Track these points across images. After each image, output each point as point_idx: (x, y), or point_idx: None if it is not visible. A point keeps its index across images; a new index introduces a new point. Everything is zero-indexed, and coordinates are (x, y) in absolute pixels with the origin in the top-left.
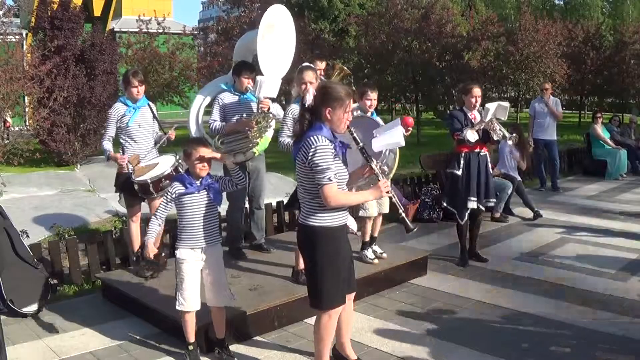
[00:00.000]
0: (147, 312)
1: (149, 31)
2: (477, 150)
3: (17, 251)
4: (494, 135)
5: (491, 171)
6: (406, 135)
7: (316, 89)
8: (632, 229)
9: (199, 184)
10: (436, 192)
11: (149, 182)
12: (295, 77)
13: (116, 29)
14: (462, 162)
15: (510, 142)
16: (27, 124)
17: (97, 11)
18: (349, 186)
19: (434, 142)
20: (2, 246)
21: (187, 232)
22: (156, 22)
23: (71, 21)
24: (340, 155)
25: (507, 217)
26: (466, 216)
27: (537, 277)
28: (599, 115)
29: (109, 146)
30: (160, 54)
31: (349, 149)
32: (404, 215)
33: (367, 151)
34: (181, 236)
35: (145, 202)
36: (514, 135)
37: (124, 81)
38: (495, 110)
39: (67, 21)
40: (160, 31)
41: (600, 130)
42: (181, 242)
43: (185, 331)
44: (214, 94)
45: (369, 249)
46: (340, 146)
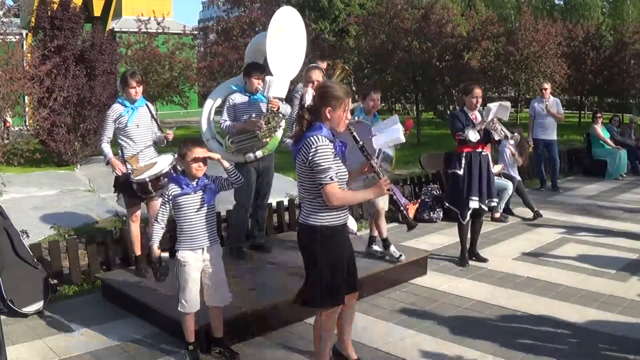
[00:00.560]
0: (147, 312)
1: (149, 31)
2: (479, 150)
3: (17, 251)
4: (495, 135)
5: (493, 170)
6: (407, 133)
7: (315, 89)
8: (632, 229)
9: (195, 184)
10: (436, 192)
11: (147, 180)
12: (303, 76)
13: (116, 29)
14: (463, 161)
15: (512, 141)
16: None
17: (97, 11)
18: (348, 185)
19: (434, 142)
20: (2, 246)
21: (186, 233)
22: (155, 22)
23: (71, 21)
24: (340, 154)
25: (507, 217)
26: (468, 216)
27: (537, 277)
28: (599, 115)
29: (108, 149)
30: (160, 54)
31: (349, 147)
32: (405, 212)
33: (367, 150)
34: (180, 238)
35: (144, 203)
36: (515, 134)
37: (121, 82)
38: (496, 110)
39: (67, 21)
40: (160, 31)
41: (600, 130)
42: (181, 243)
43: (185, 331)
44: (225, 96)
45: (391, 246)
46: (339, 145)
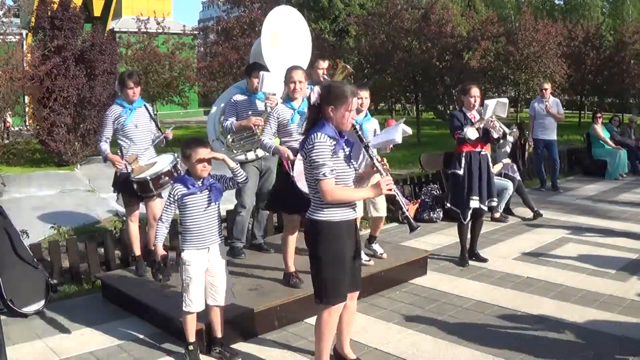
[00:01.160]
0: (147, 312)
1: (149, 31)
2: (478, 149)
3: (17, 251)
4: (494, 132)
5: (492, 170)
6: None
7: (320, 87)
8: (632, 228)
9: (200, 184)
10: (436, 192)
11: (149, 179)
12: (284, 77)
13: (116, 29)
14: (463, 161)
15: (511, 137)
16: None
17: (97, 11)
18: (357, 185)
19: (434, 142)
20: (2, 246)
21: (191, 233)
22: (155, 22)
23: (71, 21)
24: (344, 153)
25: (507, 217)
26: (469, 216)
27: (537, 277)
28: (599, 115)
29: (106, 147)
30: (159, 54)
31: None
32: (407, 214)
33: (370, 149)
34: (185, 237)
35: (142, 203)
36: (514, 130)
37: (119, 83)
38: (494, 107)
39: (67, 21)
40: (159, 31)
41: (600, 130)
42: (185, 243)
43: (185, 331)
44: (228, 99)
45: (375, 244)
46: (345, 144)
